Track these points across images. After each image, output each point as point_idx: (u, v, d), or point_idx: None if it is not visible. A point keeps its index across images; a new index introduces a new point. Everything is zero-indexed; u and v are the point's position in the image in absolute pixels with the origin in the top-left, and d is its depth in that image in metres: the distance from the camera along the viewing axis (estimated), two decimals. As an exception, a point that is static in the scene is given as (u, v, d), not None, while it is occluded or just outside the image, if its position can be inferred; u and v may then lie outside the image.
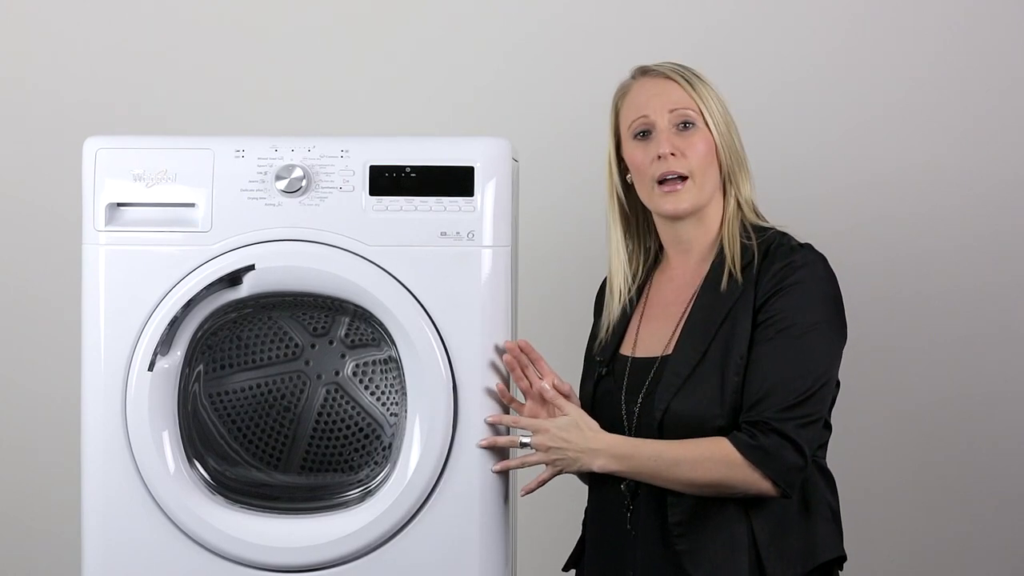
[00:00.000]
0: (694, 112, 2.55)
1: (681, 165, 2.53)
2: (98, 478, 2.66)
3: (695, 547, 2.46)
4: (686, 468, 2.43)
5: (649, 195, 2.57)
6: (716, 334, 2.48)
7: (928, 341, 3.42)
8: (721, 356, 2.47)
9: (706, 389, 2.46)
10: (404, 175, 2.64)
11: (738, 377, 2.46)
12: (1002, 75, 3.41)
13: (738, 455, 2.41)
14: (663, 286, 2.63)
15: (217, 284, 2.63)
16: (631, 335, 2.61)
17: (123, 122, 3.50)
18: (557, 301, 2.86)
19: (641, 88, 2.59)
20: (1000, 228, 3.41)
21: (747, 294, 2.49)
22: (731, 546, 2.45)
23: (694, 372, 2.47)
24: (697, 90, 2.56)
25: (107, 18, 3.56)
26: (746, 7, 3.46)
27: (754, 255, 2.52)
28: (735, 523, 2.46)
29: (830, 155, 3.43)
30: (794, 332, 2.44)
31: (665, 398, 2.48)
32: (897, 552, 3.43)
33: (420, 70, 3.51)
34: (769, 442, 2.41)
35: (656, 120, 2.55)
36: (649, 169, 2.55)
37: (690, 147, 2.53)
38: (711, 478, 2.42)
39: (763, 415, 2.41)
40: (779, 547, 2.46)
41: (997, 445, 3.42)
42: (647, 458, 2.45)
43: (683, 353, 2.50)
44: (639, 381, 2.55)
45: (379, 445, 2.89)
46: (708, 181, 2.55)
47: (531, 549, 3.01)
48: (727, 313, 2.49)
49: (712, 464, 2.42)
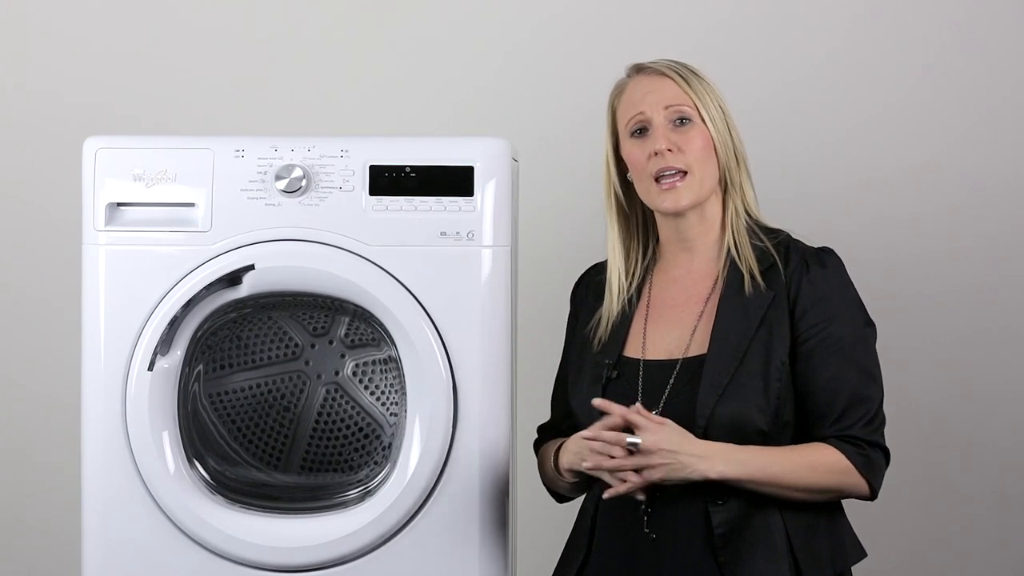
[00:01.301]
0: (690, 108, 2.54)
1: (678, 160, 2.52)
2: (98, 478, 2.67)
3: (738, 557, 2.44)
4: (804, 472, 2.44)
5: (648, 193, 2.56)
6: (753, 339, 2.48)
7: (928, 341, 3.42)
8: (762, 363, 2.46)
9: (749, 394, 2.45)
10: (404, 175, 2.64)
11: (780, 383, 2.46)
12: (1002, 75, 3.41)
13: (849, 463, 2.45)
14: (667, 286, 2.61)
15: (217, 284, 2.63)
16: (636, 336, 2.58)
17: (123, 122, 3.50)
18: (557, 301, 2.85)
19: (637, 85, 2.59)
20: (1000, 228, 3.41)
21: (780, 299, 2.50)
22: (772, 553, 2.45)
23: (734, 378, 2.46)
24: (692, 86, 2.55)
25: (107, 19, 3.56)
26: (746, 7, 3.46)
27: (775, 258, 2.52)
28: (774, 530, 2.45)
29: (830, 155, 3.43)
30: (850, 342, 2.49)
31: (708, 403, 2.45)
32: (897, 552, 3.42)
33: (420, 70, 3.51)
34: (872, 453, 2.48)
35: (652, 117, 2.54)
36: (647, 166, 2.54)
37: (687, 142, 2.53)
38: (827, 484, 2.45)
39: (855, 431, 2.47)
40: (812, 551, 2.47)
41: (997, 445, 3.42)
42: (765, 463, 2.43)
43: (720, 357, 2.48)
44: (658, 384, 2.51)
45: (379, 445, 2.89)
46: (707, 177, 2.54)
47: (531, 549, 3.01)
48: (762, 318, 2.49)
49: (826, 471, 2.45)
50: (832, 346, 2.48)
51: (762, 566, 2.44)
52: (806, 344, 2.48)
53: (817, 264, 2.52)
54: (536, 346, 3.05)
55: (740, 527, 2.45)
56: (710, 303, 2.54)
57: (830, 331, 2.48)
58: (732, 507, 2.45)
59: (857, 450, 2.46)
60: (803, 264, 2.52)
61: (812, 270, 2.51)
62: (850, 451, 2.46)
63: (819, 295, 2.50)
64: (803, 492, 2.45)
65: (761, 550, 2.45)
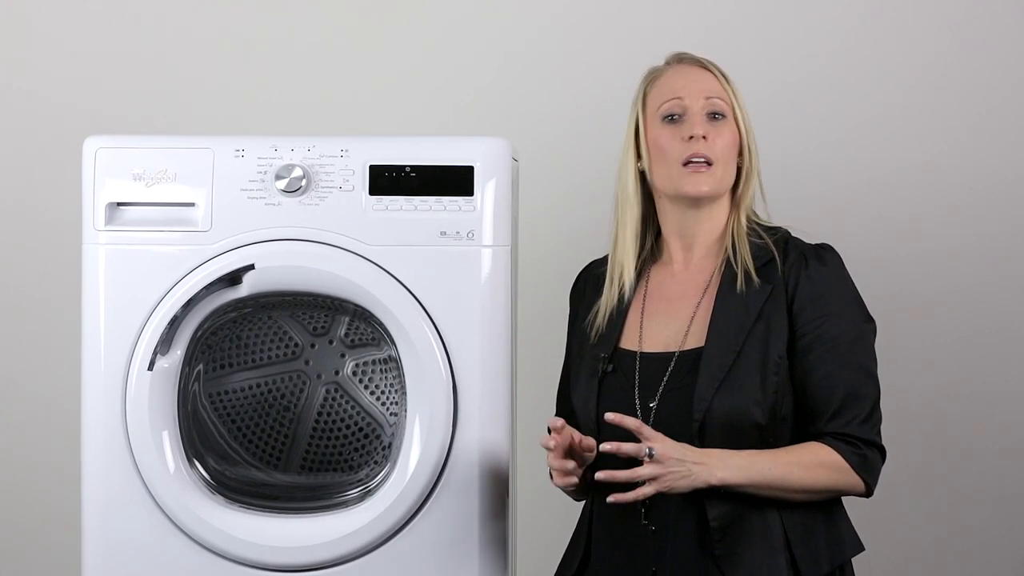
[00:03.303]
0: (726, 104, 2.57)
1: (709, 150, 2.54)
2: (98, 478, 2.67)
3: (734, 550, 2.45)
4: (803, 473, 2.44)
5: (669, 176, 2.55)
6: (750, 333, 2.49)
7: (928, 341, 3.42)
8: (760, 355, 2.47)
9: (747, 388, 2.46)
10: (404, 175, 2.64)
11: (777, 377, 2.47)
12: (1002, 75, 3.41)
13: (844, 462, 2.45)
14: (664, 280, 2.61)
15: (217, 284, 2.63)
16: (632, 329, 2.59)
17: (123, 122, 3.50)
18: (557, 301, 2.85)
19: (676, 73, 2.61)
20: (1000, 228, 3.41)
21: (778, 294, 2.51)
22: (768, 548, 2.45)
23: (731, 371, 2.47)
24: (730, 84, 2.59)
25: (107, 19, 3.56)
26: (747, 7, 3.46)
27: (773, 254, 2.53)
28: (771, 524, 2.46)
29: (830, 155, 3.43)
30: (847, 339, 2.49)
31: (706, 396, 2.46)
32: (896, 552, 3.42)
33: (420, 70, 3.51)
34: (868, 451, 2.48)
35: (690, 104, 2.56)
36: (676, 149, 2.54)
37: (719, 136, 2.55)
38: (825, 484, 2.46)
39: (850, 428, 2.47)
40: (809, 546, 2.47)
41: (997, 445, 3.42)
42: (765, 466, 2.43)
43: (718, 351, 2.49)
44: (653, 377, 2.53)
45: (379, 445, 2.89)
46: (728, 173, 2.56)
47: (531, 549, 3.01)
48: (759, 312, 2.50)
49: (824, 470, 2.45)
50: (829, 343, 2.48)
51: (758, 559, 2.45)
52: (803, 340, 2.49)
53: (816, 260, 2.53)
54: (536, 346, 3.05)
55: (736, 520, 2.46)
56: (707, 296, 2.55)
57: (827, 328, 2.49)
58: (728, 501, 2.46)
59: (853, 449, 2.46)
60: (802, 259, 2.53)
61: (811, 266, 2.52)
62: (845, 450, 2.46)
63: (817, 291, 2.50)
64: (802, 493, 2.46)
65: (757, 544, 2.45)
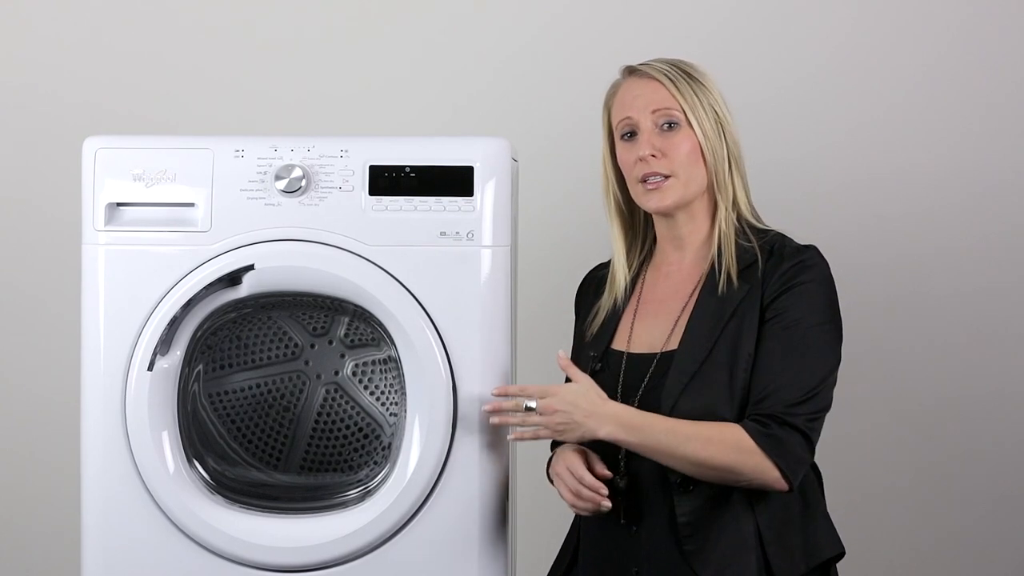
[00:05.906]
0: (677, 112, 2.55)
1: (662, 166, 2.54)
2: (98, 478, 2.66)
3: (703, 547, 2.45)
4: (697, 446, 2.40)
5: (635, 193, 2.60)
6: (722, 332, 2.49)
7: (927, 341, 3.42)
8: (729, 354, 2.47)
9: (715, 386, 2.46)
10: (404, 175, 2.64)
11: (746, 374, 2.47)
12: (1002, 75, 3.41)
13: (751, 441, 2.40)
14: (657, 282, 2.63)
15: (217, 284, 2.63)
16: (624, 330, 2.62)
17: (123, 122, 3.50)
18: (557, 301, 2.85)
19: (627, 89, 2.61)
20: (1000, 228, 3.41)
21: (754, 293, 2.50)
22: (739, 546, 2.45)
23: (701, 369, 2.47)
24: (682, 89, 2.56)
25: (107, 19, 3.56)
26: (746, 7, 3.46)
27: (757, 256, 2.53)
28: (742, 522, 2.45)
29: (830, 155, 3.43)
30: (802, 329, 2.46)
31: (673, 394, 2.47)
32: (895, 552, 3.42)
33: (420, 70, 3.51)
34: (782, 433, 2.41)
35: (639, 121, 2.56)
36: (633, 169, 2.57)
37: (672, 147, 2.55)
38: (721, 461, 2.41)
39: (774, 409, 2.42)
40: (784, 545, 2.46)
41: (997, 445, 3.42)
42: (660, 431, 2.42)
43: (689, 350, 2.50)
44: (637, 377, 2.55)
45: (378, 445, 2.89)
46: (692, 180, 2.56)
47: (531, 549, 3.01)
48: (733, 311, 2.50)
49: (724, 447, 2.41)
50: (781, 331, 2.46)
51: (729, 557, 2.44)
52: (762, 327, 2.48)
53: (792, 258, 2.51)
54: (536, 346, 3.05)
55: (706, 517, 2.46)
56: (692, 299, 2.56)
57: (787, 315, 2.47)
58: (698, 496, 2.46)
59: (764, 429, 2.41)
60: (779, 259, 2.52)
61: (786, 263, 2.51)
62: (756, 431, 2.41)
63: (786, 285, 2.49)
64: (696, 466, 2.42)
65: (727, 540, 2.45)
